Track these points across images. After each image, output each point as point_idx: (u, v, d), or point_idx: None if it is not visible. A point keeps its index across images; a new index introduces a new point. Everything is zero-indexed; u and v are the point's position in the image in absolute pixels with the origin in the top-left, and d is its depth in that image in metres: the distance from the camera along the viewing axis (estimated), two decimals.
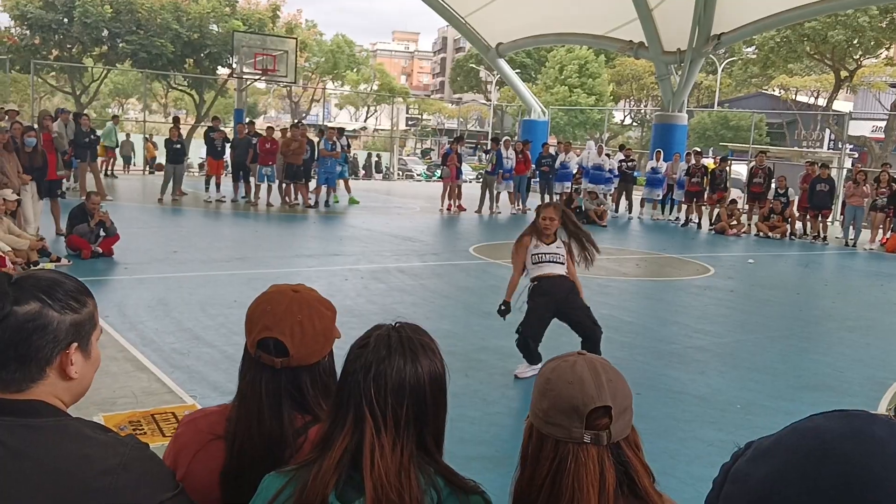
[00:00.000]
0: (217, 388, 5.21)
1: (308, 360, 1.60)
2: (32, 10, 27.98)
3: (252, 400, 1.59)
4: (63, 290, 1.34)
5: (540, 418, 1.32)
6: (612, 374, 1.34)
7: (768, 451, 0.81)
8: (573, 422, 1.29)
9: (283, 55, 23.96)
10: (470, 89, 58.26)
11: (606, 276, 10.42)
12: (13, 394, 1.29)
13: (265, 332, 1.57)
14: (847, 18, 28.55)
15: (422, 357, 1.40)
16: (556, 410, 1.30)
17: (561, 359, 1.37)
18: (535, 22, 23.63)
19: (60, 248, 9.58)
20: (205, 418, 1.68)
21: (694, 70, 21.37)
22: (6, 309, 1.28)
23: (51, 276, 1.37)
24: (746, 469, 0.81)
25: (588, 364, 1.34)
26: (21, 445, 1.25)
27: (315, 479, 1.35)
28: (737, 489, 0.82)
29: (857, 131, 33.53)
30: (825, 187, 16.53)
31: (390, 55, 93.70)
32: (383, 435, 1.34)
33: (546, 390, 1.32)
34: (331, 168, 17.35)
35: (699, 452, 4.54)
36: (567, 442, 1.29)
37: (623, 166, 19.22)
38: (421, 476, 1.35)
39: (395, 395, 1.35)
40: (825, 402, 5.72)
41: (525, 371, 5.82)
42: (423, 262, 10.87)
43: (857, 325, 8.53)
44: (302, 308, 1.60)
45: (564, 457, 1.29)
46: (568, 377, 1.31)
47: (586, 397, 1.29)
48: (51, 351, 1.31)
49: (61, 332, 1.31)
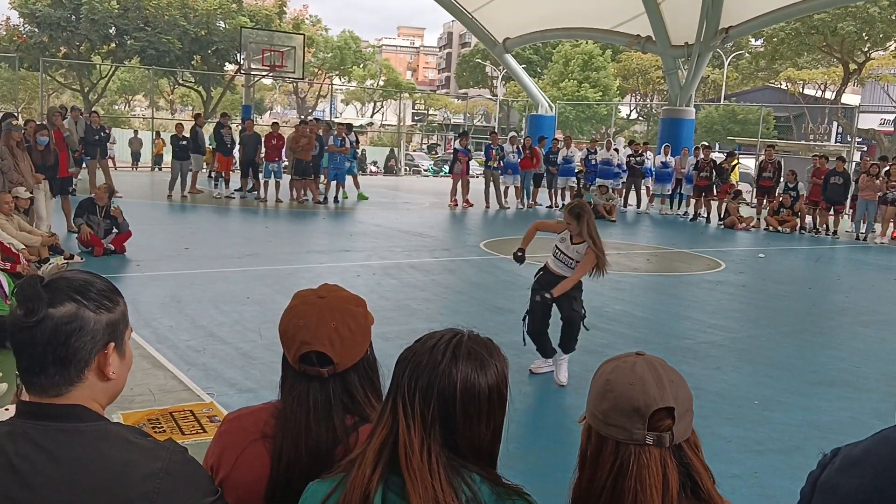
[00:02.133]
0: (234, 385, 5.21)
1: (353, 362, 1.60)
2: (41, 7, 28.06)
3: (301, 413, 1.57)
4: (96, 289, 1.32)
5: (599, 420, 1.30)
6: (674, 374, 1.32)
7: (858, 461, 0.79)
8: (635, 423, 1.27)
9: (290, 51, 23.96)
10: (476, 84, 58.17)
11: (618, 272, 10.39)
12: (52, 398, 1.28)
13: (305, 348, 1.56)
14: (857, 10, 28.40)
15: (463, 362, 1.36)
16: (616, 412, 1.28)
17: (619, 359, 1.35)
18: (542, 16, 23.58)
19: (72, 246, 9.61)
20: (250, 415, 1.66)
21: (702, 64, 21.29)
22: (42, 312, 1.25)
23: (81, 275, 1.35)
24: (836, 480, 0.80)
25: (648, 365, 1.32)
26: (62, 451, 1.24)
27: (355, 475, 1.34)
28: (826, 500, 0.80)
29: (866, 124, 33.38)
30: (839, 181, 16.34)
31: (396, 51, 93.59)
32: (412, 431, 1.33)
33: (606, 392, 1.30)
34: (340, 164, 17.36)
35: (718, 449, 4.52)
36: (628, 444, 1.27)
37: (631, 161, 19.17)
38: (460, 482, 1.32)
39: (424, 394, 1.34)
40: (842, 397, 5.70)
41: (540, 367, 5.81)
42: (434, 257, 10.86)
43: (872, 319, 8.49)
44: (334, 315, 1.58)
45: (626, 459, 1.27)
46: (629, 378, 1.29)
47: (649, 398, 1.27)
48: (89, 352, 1.29)
49: (98, 333, 1.30)
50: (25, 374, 1.29)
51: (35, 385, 1.29)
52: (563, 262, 5.65)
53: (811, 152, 24.73)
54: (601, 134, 43.07)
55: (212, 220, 14.19)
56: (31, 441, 1.24)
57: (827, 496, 0.81)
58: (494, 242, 12.55)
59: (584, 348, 6.45)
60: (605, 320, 7.53)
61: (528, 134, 22.22)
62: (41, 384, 1.28)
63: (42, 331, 1.25)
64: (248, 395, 4.98)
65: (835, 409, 5.41)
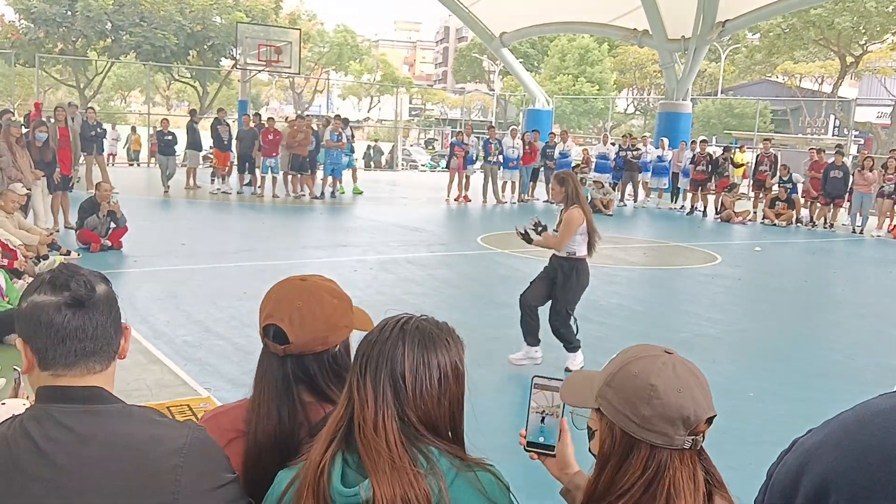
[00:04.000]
0: (230, 380, 5.23)
1: (311, 348, 1.59)
2: (36, 4, 27.98)
3: (263, 388, 1.60)
4: (93, 272, 1.38)
5: (636, 424, 1.25)
6: (703, 376, 1.30)
7: (827, 422, 0.87)
8: (678, 430, 1.23)
9: (286, 46, 23.91)
10: (473, 79, 58.13)
11: (614, 265, 10.42)
12: (85, 379, 1.31)
13: (267, 320, 1.59)
14: (854, 4, 28.40)
15: (409, 338, 1.40)
16: (661, 419, 1.23)
17: (650, 355, 1.30)
18: (538, 11, 23.56)
19: (69, 242, 9.61)
20: (226, 414, 1.67)
21: (698, 58, 21.30)
22: (94, 290, 1.31)
23: (77, 266, 1.38)
24: (804, 437, 0.89)
25: (686, 368, 1.28)
26: (89, 430, 1.26)
27: (311, 451, 1.37)
28: (793, 453, 0.90)
29: (863, 117, 33.43)
30: (839, 174, 16.21)
31: (392, 45, 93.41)
32: (366, 406, 1.35)
33: (650, 398, 1.24)
34: (336, 159, 17.36)
35: (713, 441, 4.48)
36: (665, 448, 1.24)
37: (629, 155, 19.16)
38: (416, 452, 1.34)
39: (374, 369, 1.37)
40: (838, 389, 5.73)
41: (520, 359, 5.70)
42: (432, 252, 10.87)
43: (868, 312, 8.52)
44: (302, 295, 1.60)
45: (664, 463, 1.24)
46: (675, 384, 1.25)
47: (699, 409, 1.24)
48: (119, 332, 1.37)
49: (119, 313, 1.37)
50: (66, 357, 1.29)
51: (75, 366, 1.30)
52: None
53: (808, 146, 24.77)
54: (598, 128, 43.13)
55: (208, 216, 14.19)
56: (57, 423, 1.26)
57: (794, 450, 0.92)
58: (492, 237, 12.56)
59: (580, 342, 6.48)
60: (601, 314, 7.56)
61: (526, 128, 22.21)
62: (85, 364, 1.31)
63: (99, 309, 1.31)
64: (245, 389, 4.90)
65: (830, 401, 5.42)
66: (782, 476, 0.88)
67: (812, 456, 0.84)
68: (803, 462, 0.85)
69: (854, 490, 0.77)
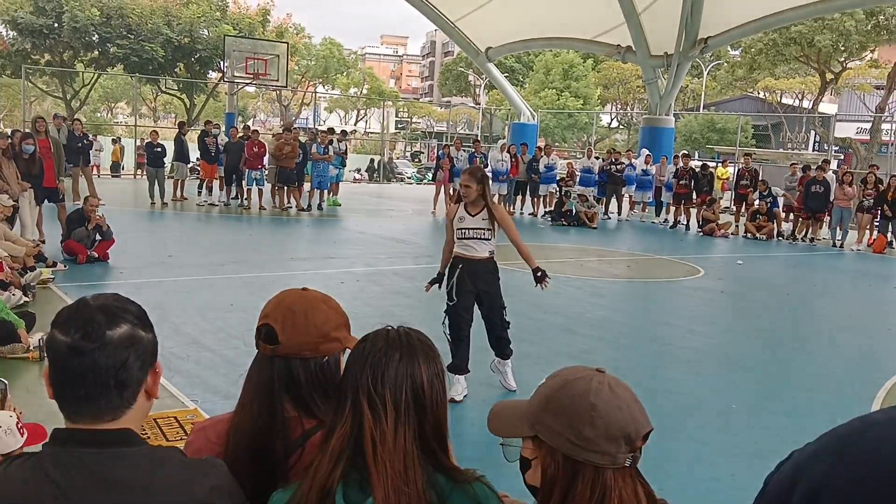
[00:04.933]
0: (218, 391, 5.24)
1: (299, 352, 1.60)
2: (23, 15, 27.89)
3: (249, 388, 1.63)
4: (137, 308, 1.33)
5: (579, 446, 1.24)
6: (634, 394, 1.31)
7: (824, 434, 0.90)
8: (620, 448, 1.24)
9: (273, 59, 23.99)
10: (459, 93, 58.33)
11: (598, 278, 10.52)
12: (106, 423, 1.27)
13: (262, 320, 1.63)
14: (833, 22, 28.83)
15: (419, 352, 1.44)
16: (604, 438, 1.23)
17: (584, 377, 1.29)
18: (523, 26, 23.75)
19: (57, 254, 9.58)
20: (213, 427, 1.68)
21: (681, 73, 21.55)
22: (103, 335, 1.25)
23: (115, 296, 1.34)
24: (802, 448, 0.92)
25: (619, 385, 1.29)
26: (119, 476, 1.24)
27: (316, 472, 1.37)
28: (789, 462, 0.92)
29: (842, 133, 33.83)
30: (820, 189, 16.34)
31: (379, 59, 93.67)
32: (383, 422, 1.36)
33: (593, 418, 1.23)
34: (323, 171, 17.41)
35: (696, 453, 4.60)
36: (608, 468, 1.24)
37: (612, 169, 19.33)
38: (429, 469, 1.38)
39: (394, 384, 1.38)
40: (819, 401, 5.81)
41: (460, 392, 5.34)
42: (418, 264, 10.92)
43: (848, 325, 8.65)
44: (299, 301, 1.64)
45: (608, 484, 1.24)
46: (615, 402, 1.25)
47: (638, 424, 1.25)
48: (144, 372, 1.30)
49: (148, 352, 1.30)
50: (77, 402, 1.26)
51: (86, 411, 1.26)
52: (475, 237, 5.24)
53: (789, 160, 25.07)
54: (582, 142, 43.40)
55: (195, 228, 14.18)
56: (85, 468, 1.23)
57: (790, 460, 0.93)
58: None
59: (565, 354, 6.54)
60: (585, 326, 7.63)
61: (512, 142, 22.36)
62: (100, 408, 1.26)
63: (105, 354, 1.24)
64: (232, 401, 4.92)
65: (812, 413, 5.51)
66: (777, 484, 0.93)
67: (807, 464, 0.87)
68: (798, 470, 0.89)
69: (843, 497, 0.81)
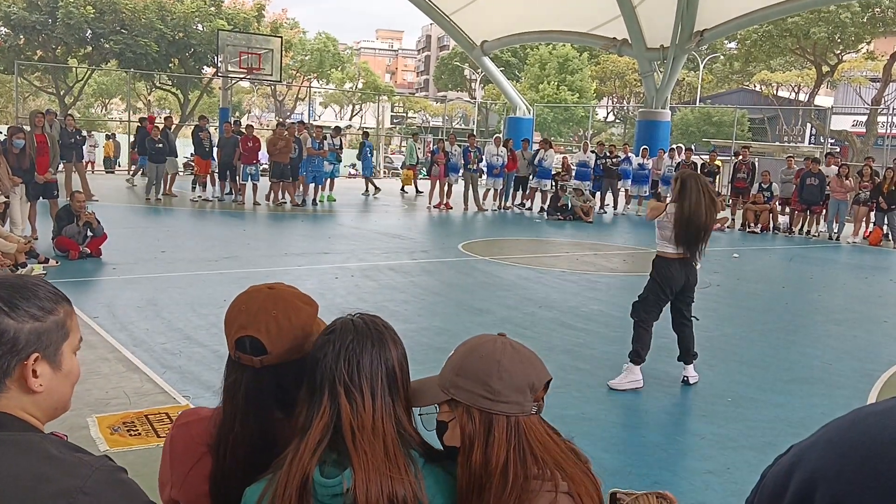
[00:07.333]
0: (210, 387, 5.19)
1: (288, 357, 1.54)
2: (16, 11, 27.76)
3: (235, 403, 1.54)
4: (24, 296, 1.24)
5: (490, 399, 1.38)
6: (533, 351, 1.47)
7: (823, 425, 0.90)
8: (526, 396, 1.39)
9: (267, 54, 23.90)
10: (454, 87, 58.29)
11: (595, 272, 10.48)
12: None
13: (241, 332, 1.53)
14: (829, 14, 28.79)
15: (387, 337, 1.48)
16: (511, 388, 1.38)
17: (488, 340, 1.45)
18: (519, 19, 23.69)
19: (49, 250, 9.52)
20: (198, 423, 1.62)
21: (677, 67, 21.50)
22: None
23: (17, 281, 1.28)
24: (801, 441, 0.91)
25: (519, 345, 1.45)
26: None
27: (293, 463, 1.35)
28: (787, 454, 0.92)
29: (839, 126, 33.82)
30: (815, 181, 16.39)
31: (374, 53, 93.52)
32: (361, 410, 1.38)
33: (500, 371, 1.38)
34: (318, 167, 17.35)
35: (692, 445, 4.58)
36: (518, 416, 1.39)
37: (608, 163, 19.30)
38: (409, 453, 1.40)
39: (369, 372, 1.41)
40: (815, 394, 5.79)
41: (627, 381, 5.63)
42: (413, 259, 10.88)
43: (844, 317, 8.63)
44: (277, 304, 1.55)
45: (522, 430, 1.39)
46: (517, 357, 1.41)
47: (540, 373, 1.42)
48: (8, 362, 1.21)
49: (20, 342, 1.21)
50: None
51: None
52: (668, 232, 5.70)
53: (785, 153, 25.06)
54: (578, 136, 43.37)
55: (189, 224, 14.12)
56: None
57: (789, 452, 0.93)
58: (473, 244, 12.59)
59: (560, 348, 6.52)
60: (581, 320, 7.61)
61: (508, 136, 22.31)
62: None
63: None
64: None
65: (807, 406, 5.49)
66: (774, 474, 0.92)
67: (804, 454, 0.87)
68: (795, 461, 0.89)
69: (838, 485, 0.80)
